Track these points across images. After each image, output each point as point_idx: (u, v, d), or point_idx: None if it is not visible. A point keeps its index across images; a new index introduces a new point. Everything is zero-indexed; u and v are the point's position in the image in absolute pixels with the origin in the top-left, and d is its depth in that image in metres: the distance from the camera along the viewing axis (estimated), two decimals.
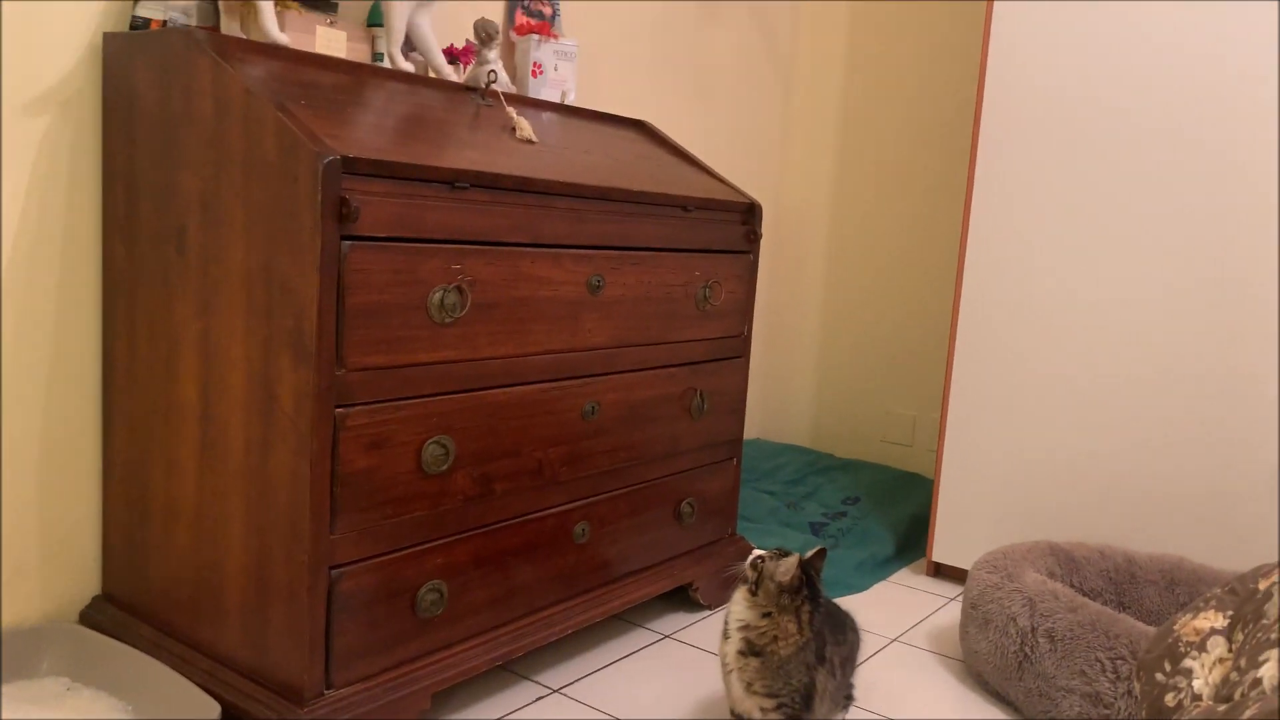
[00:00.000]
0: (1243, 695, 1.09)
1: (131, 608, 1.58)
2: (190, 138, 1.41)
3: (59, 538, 1.61)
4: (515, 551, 1.63)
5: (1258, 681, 1.08)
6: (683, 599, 2.11)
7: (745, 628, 1.44)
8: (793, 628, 1.42)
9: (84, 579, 1.64)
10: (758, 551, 1.48)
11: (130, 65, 1.50)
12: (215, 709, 1.36)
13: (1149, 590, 1.94)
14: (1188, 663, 1.22)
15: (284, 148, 1.29)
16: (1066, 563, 1.96)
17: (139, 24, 1.55)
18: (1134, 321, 2.11)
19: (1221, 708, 1.09)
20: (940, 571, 2.43)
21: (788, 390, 3.39)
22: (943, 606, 2.24)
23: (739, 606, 1.47)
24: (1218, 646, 1.21)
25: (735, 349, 2.09)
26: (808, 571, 1.44)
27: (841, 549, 2.44)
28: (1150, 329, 2.10)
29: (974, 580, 1.88)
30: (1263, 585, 1.23)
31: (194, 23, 1.57)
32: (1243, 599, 1.25)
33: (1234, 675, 1.14)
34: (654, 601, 2.10)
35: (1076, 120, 2.15)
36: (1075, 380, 2.18)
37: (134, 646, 1.49)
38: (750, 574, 1.46)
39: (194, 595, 1.48)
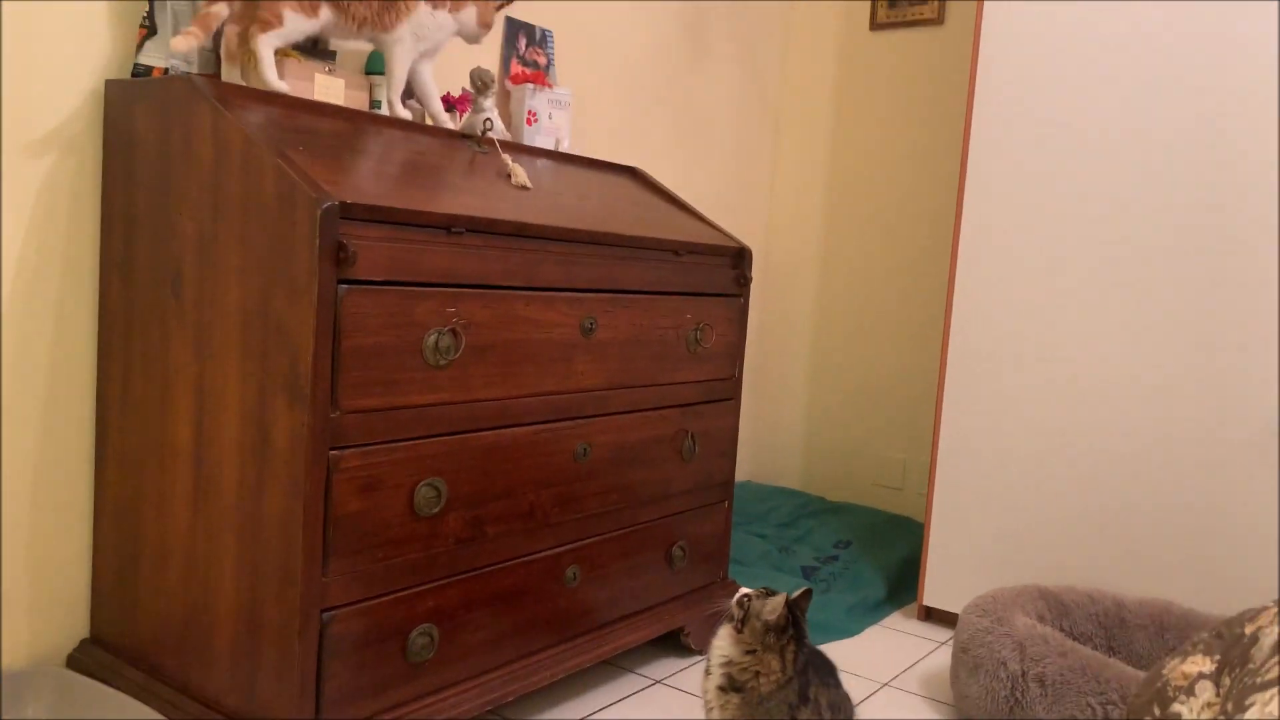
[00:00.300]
0: None
1: (120, 651, 1.57)
2: (189, 182, 1.43)
3: (48, 579, 1.60)
4: (506, 595, 1.63)
5: None
6: (674, 643, 2.10)
7: (728, 663, 1.44)
8: (776, 665, 1.42)
9: (72, 621, 1.63)
10: (744, 590, 1.48)
11: (131, 111, 1.52)
12: None
13: (1138, 635, 1.94)
14: (1176, 707, 1.23)
15: (282, 193, 1.31)
16: (1056, 607, 1.97)
17: (141, 71, 1.57)
18: (1123, 364, 2.14)
19: None
20: (931, 615, 2.43)
21: (778, 433, 3.40)
22: (934, 650, 2.24)
23: (723, 643, 1.47)
24: (1205, 691, 1.22)
25: (726, 391, 2.10)
26: (794, 611, 1.45)
27: (833, 593, 2.43)
28: (1140, 372, 2.12)
29: (964, 624, 1.88)
30: (1249, 630, 1.24)
31: (195, 70, 1.60)
32: (1229, 643, 1.25)
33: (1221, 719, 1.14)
34: (645, 646, 2.09)
35: (1064, 165, 2.19)
36: (1064, 423, 2.20)
37: (122, 691, 1.48)
38: (737, 612, 1.47)
39: (183, 638, 1.48)
